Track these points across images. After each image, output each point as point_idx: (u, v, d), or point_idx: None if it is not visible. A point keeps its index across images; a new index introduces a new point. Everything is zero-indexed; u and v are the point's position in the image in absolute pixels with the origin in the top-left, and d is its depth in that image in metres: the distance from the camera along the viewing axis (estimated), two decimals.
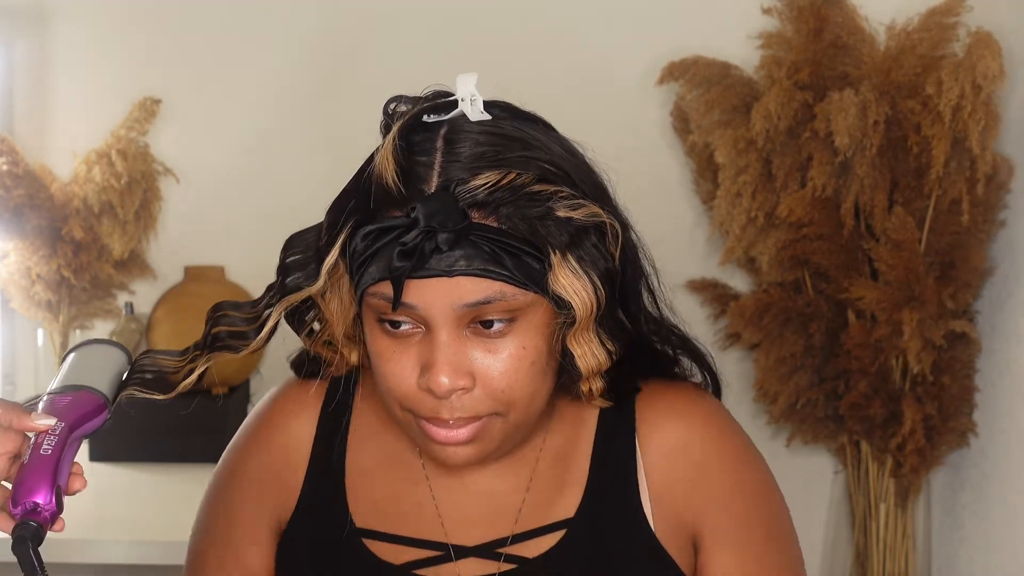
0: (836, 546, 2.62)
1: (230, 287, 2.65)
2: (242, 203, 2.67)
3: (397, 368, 1.03)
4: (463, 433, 1.03)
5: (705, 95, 2.36)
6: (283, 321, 1.10)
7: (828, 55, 2.30)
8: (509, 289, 1.00)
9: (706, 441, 1.13)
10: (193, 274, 2.67)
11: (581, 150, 1.08)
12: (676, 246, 2.58)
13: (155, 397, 1.08)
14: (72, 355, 1.09)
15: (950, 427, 2.33)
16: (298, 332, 1.13)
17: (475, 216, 0.99)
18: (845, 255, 2.30)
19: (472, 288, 0.99)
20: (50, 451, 0.97)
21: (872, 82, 2.24)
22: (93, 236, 2.59)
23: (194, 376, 1.09)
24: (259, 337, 1.08)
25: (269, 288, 1.09)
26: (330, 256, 1.02)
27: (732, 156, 2.31)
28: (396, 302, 0.99)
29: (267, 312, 1.08)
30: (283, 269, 1.07)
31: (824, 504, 2.65)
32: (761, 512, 1.12)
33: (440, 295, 0.99)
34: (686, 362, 1.18)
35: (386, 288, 1.00)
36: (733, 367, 2.57)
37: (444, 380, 1.00)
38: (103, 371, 1.07)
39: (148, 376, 1.09)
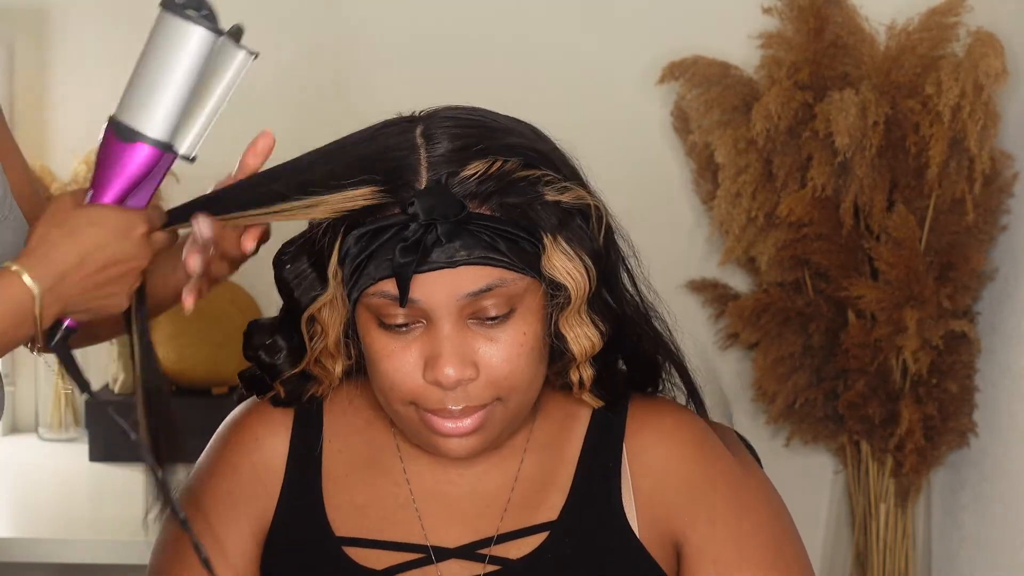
0: (836, 546, 2.62)
1: (229, 287, 2.65)
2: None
3: (400, 364, 1.04)
4: (467, 424, 1.05)
5: (705, 95, 2.36)
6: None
7: (828, 55, 2.30)
8: (508, 275, 1.01)
9: (694, 462, 1.13)
10: None
11: (546, 132, 1.10)
12: (676, 246, 2.58)
13: None
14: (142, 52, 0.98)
15: (950, 427, 2.33)
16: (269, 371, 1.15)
17: (469, 206, 1.00)
18: (845, 255, 2.30)
19: (473, 277, 1.01)
20: None
21: (872, 82, 2.24)
22: None
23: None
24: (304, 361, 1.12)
25: (283, 311, 1.11)
26: (332, 260, 1.03)
27: (732, 156, 2.31)
28: (403, 298, 1.00)
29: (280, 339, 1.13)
30: (283, 285, 1.08)
31: (824, 504, 2.65)
32: (757, 531, 1.11)
33: (442, 287, 1.01)
34: (669, 380, 1.19)
35: (387, 286, 1.01)
36: (732, 367, 2.57)
37: (450, 371, 1.01)
38: (164, 91, 0.97)
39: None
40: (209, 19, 0.95)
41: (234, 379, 1.21)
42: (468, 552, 1.11)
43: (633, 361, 1.16)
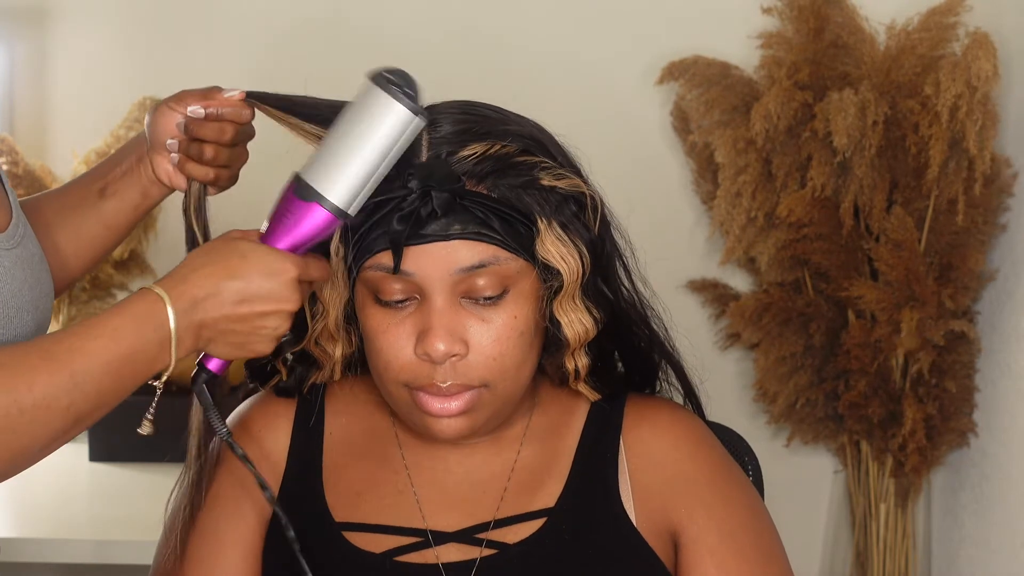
0: (836, 546, 2.62)
1: None
2: (241, 202, 2.67)
3: (393, 339, 1.06)
4: (455, 406, 1.07)
5: (705, 95, 2.36)
6: None
7: (828, 55, 2.30)
8: (502, 253, 1.04)
9: (690, 458, 1.15)
10: None
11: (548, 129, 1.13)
12: (676, 246, 2.58)
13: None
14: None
15: (950, 427, 2.33)
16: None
17: (466, 184, 1.04)
18: (845, 255, 2.30)
19: (467, 253, 1.04)
20: None
21: (872, 82, 2.24)
22: None
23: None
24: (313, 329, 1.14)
25: None
26: (334, 237, 1.07)
27: (732, 156, 2.31)
28: (397, 266, 1.03)
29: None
30: None
31: (824, 504, 2.65)
32: (748, 527, 1.13)
33: (436, 261, 1.04)
34: (666, 381, 1.21)
35: (384, 259, 1.04)
36: (733, 367, 2.57)
37: (440, 345, 1.04)
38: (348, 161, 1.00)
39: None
40: (412, 99, 1.00)
41: (234, 378, 1.24)
42: (466, 536, 1.12)
43: (630, 361, 1.18)
